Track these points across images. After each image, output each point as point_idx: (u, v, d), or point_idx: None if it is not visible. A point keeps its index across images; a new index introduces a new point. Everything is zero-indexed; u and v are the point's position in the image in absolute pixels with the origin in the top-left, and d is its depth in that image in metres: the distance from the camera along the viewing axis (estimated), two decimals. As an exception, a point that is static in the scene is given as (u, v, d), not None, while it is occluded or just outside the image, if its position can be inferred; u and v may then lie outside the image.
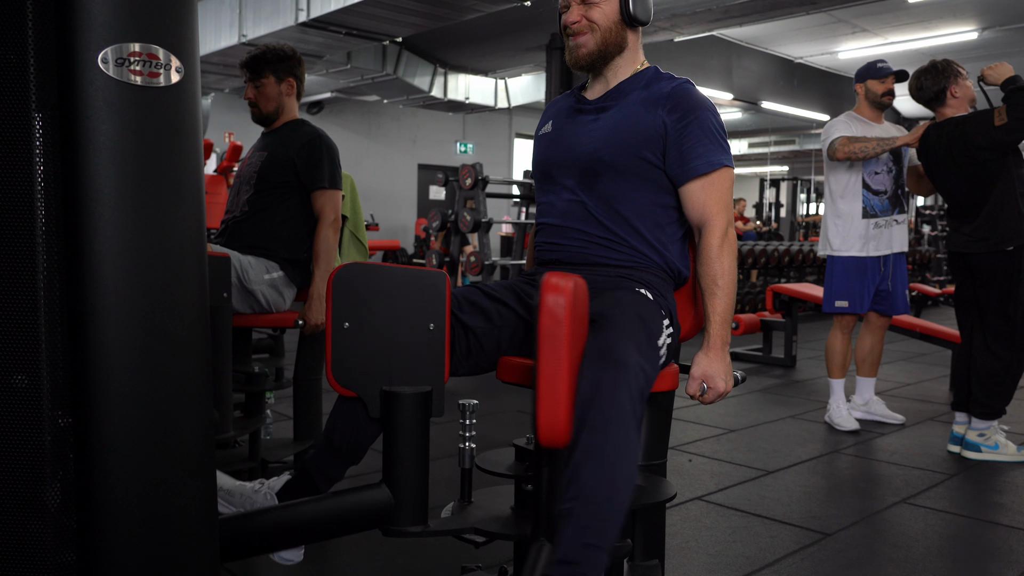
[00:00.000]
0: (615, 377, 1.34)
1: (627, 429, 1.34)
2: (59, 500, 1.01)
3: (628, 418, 1.34)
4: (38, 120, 0.98)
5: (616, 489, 1.33)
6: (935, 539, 2.35)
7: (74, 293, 1.00)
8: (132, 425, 1.03)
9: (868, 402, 3.87)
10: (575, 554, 1.30)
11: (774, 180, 13.80)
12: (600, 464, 1.32)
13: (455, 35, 9.72)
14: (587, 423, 1.32)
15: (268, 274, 2.57)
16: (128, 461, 1.03)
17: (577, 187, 1.72)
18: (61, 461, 1.01)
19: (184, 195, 1.08)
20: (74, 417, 1.01)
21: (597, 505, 1.32)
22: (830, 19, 9.84)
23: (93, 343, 1.00)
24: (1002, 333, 3.15)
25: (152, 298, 1.04)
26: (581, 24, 1.69)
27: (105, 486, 1.02)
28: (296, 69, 2.72)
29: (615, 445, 1.32)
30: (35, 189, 0.98)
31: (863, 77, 3.66)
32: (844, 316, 3.71)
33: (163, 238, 1.05)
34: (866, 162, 3.56)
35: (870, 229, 3.59)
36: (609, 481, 1.32)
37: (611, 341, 1.38)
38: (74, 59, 0.99)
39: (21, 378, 0.99)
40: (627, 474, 1.34)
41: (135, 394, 1.03)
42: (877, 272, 3.63)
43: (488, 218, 6.04)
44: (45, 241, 0.99)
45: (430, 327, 1.49)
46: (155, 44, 1.03)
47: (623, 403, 1.33)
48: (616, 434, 1.32)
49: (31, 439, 0.99)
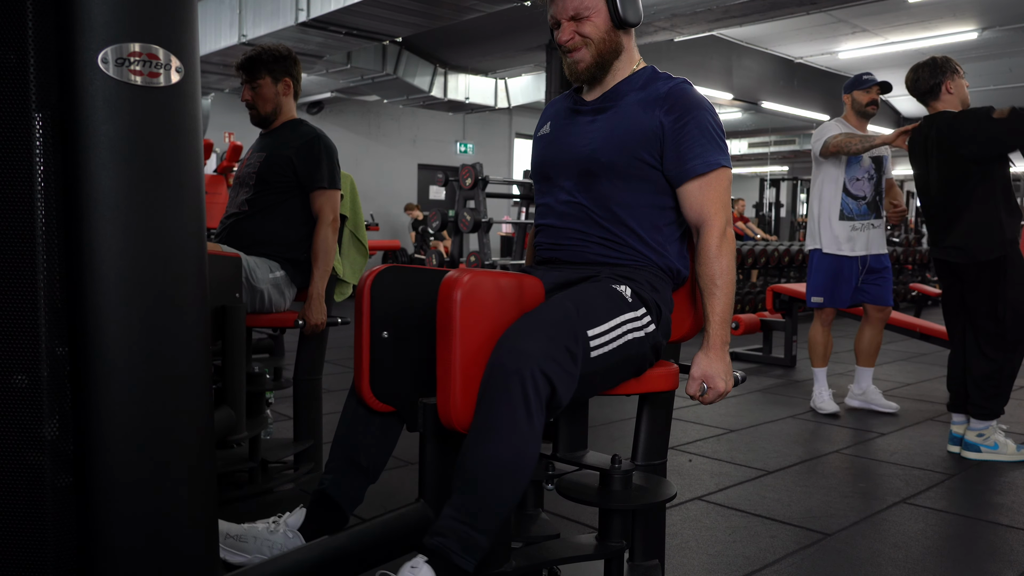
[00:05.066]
0: (507, 362, 1.33)
1: (513, 415, 1.32)
2: (58, 503, 1.00)
3: (516, 405, 1.32)
4: (38, 120, 0.98)
5: (495, 475, 1.33)
6: (935, 539, 2.35)
7: (74, 293, 1.00)
8: (133, 425, 1.03)
9: (865, 391, 4.09)
10: (447, 528, 1.32)
11: (774, 180, 13.80)
12: (481, 449, 1.33)
13: (455, 35, 9.72)
14: (478, 407, 1.34)
15: (272, 273, 2.57)
16: (129, 462, 1.03)
17: (575, 188, 1.72)
18: (61, 463, 1.01)
19: (184, 195, 1.08)
20: (74, 415, 1.01)
21: (475, 488, 1.33)
22: (830, 19, 9.84)
23: (93, 343, 1.00)
24: (993, 335, 3.14)
25: (152, 298, 1.04)
26: (575, 41, 1.69)
27: (106, 485, 1.02)
28: (292, 69, 2.71)
29: (499, 431, 1.33)
30: (35, 189, 0.98)
31: (849, 89, 3.97)
32: (823, 310, 3.99)
33: (163, 238, 1.05)
34: (848, 168, 3.85)
35: (847, 231, 3.86)
36: (487, 467, 1.33)
37: (515, 328, 1.38)
38: (74, 59, 0.99)
39: (21, 378, 0.99)
40: (509, 461, 1.34)
41: (135, 393, 1.03)
42: (855, 271, 3.88)
43: (488, 218, 6.04)
44: (45, 241, 0.99)
45: None
46: (155, 44, 1.03)
47: (512, 388, 1.32)
48: (500, 419, 1.32)
49: (32, 443, 0.99)
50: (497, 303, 1.39)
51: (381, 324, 1.40)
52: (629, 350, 1.54)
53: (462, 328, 1.31)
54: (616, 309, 1.53)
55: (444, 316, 1.33)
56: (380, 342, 1.40)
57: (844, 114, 3.97)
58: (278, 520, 1.54)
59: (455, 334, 1.32)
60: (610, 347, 1.50)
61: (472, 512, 1.33)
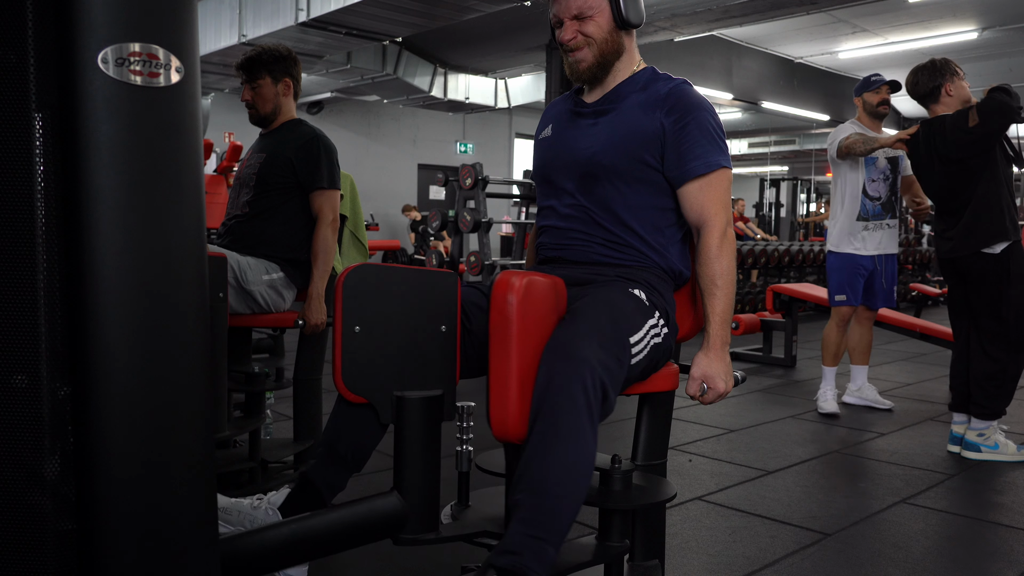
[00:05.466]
0: (567, 370, 1.33)
1: (579, 422, 1.33)
2: (55, 505, 1.00)
3: (581, 412, 1.33)
4: (38, 120, 0.98)
5: (564, 483, 1.33)
6: (935, 539, 2.35)
7: (74, 293, 1.00)
8: (133, 425, 1.03)
9: (860, 388, 4.18)
10: (519, 544, 1.30)
11: (774, 180, 13.81)
12: (549, 457, 1.32)
13: (455, 35, 9.72)
14: (540, 415, 1.33)
15: (268, 275, 2.56)
16: (130, 463, 1.03)
17: (577, 191, 1.72)
18: (62, 462, 1.01)
19: (184, 195, 1.08)
20: (74, 419, 1.01)
21: (544, 498, 1.32)
22: (830, 19, 9.84)
23: (93, 343, 1.00)
24: (996, 335, 3.15)
25: (152, 298, 1.04)
26: (577, 40, 1.68)
27: (105, 486, 1.02)
28: (292, 69, 2.71)
29: (565, 438, 1.32)
30: (35, 189, 0.98)
31: (859, 92, 4.00)
32: (841, 309, 4.02)
33: (163, 238, 1.05)
34: (867, 170, 3.89)
35: (860, 231, 3.94)
36: (557, 474, 1.32)
37: (570, 335, 1.37)
38: (74, 59, 0.99)
39: (21, 378, 0.99)
40: (577, 468, 1.34)
41: (136, 394, 1.03)
42: (867, 270, 3.96)
43: (488, 218, 6.04)
44: (45, 241, 0.99)
45: (442, 329, 1.47)
46: (155, 44, 1.03)
47: (575, 396, 1.33)
48: (567, 427, 1.32)
49: (32, 440, 0.99)
50: (546, 305, 1.39)
51: (352, 319, 1.42)
52: (655, 355, 1.58)
53: (519, 334, 1.29)
54: (644, 315, 1.56)
55: (501, 322, 1.30)
56: (352, 336, 1.42)
57: (857, 116, 4.02)
58: (263, 497, 1.58)
59: (513, 341, 1.30)
60: (643, 353, 1.54)
61: (543, 524, 1.32)
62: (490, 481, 1.67)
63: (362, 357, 1.43)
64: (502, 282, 1.33)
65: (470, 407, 1.57)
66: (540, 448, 1.33)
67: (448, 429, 1.57)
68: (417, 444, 1.36)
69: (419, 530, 1.38)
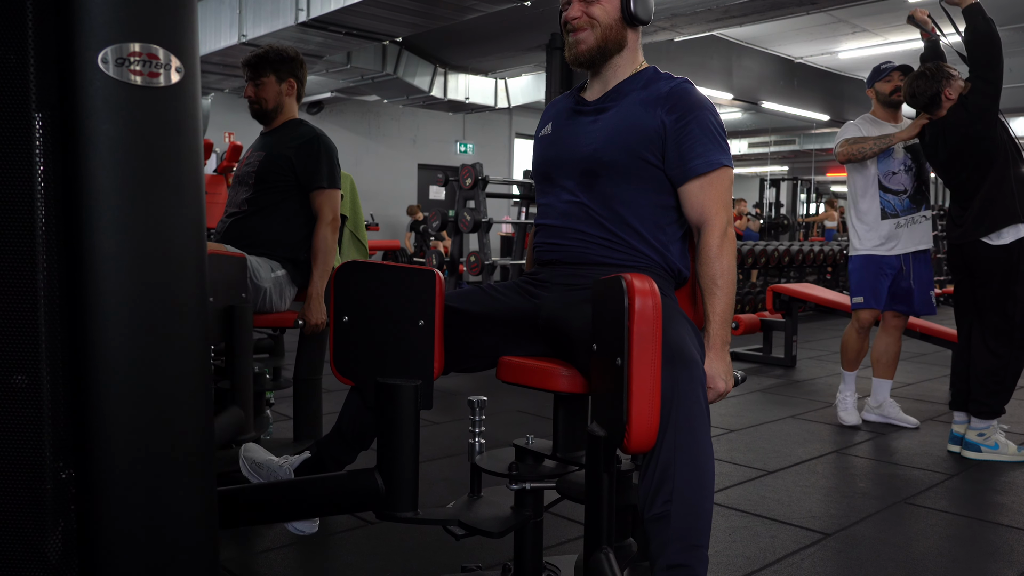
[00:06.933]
0: (690, 375, 1.36)
1: (707, 426, 1.38)
2: (56, 505, 1.00)
3: (707, 415, 1.38)
4: (38, 120, 0.98)
5: (707, 487, 1.36)
6: (935, 539, 2.35)
7: (74, 293, 1.00)
8: (132, 424, 1.03)
9: (882, 404, 3.79)
10: (684, 557, 1.31)
11: (774, 180, 13.80)
12: (690, 463, 1.33)
13: (455, 35, 9.71)
14: (671, 423, 1.33)
15: (273, 272, 2.57)
16: (128, 460, 1.03)
17: (577, 188, 1.71)
18: (61, 462, 1.01)
19: (184, 195, 1.08)
20: (73, 417, 1.01)
21: (693, 505, 1.33)
22: (830, 19, 9.84)
23: (93, 343, 1.00)
24: (1001, 331, 3.15)
25: (152, 298, 1.04)
26: (582, 20, 1.69)
27: (106, 484, 1.02)
28: (298, 71, 2.72)
29: (701, 443, 1.35)
30: (35, 189, 0.98)
31: (871, 83, 3.76)
32: (860, 313, 3.69)
33: (163, 238, 1.05)
34: (882, 163, 3.61)
35: (892, 229, 3.60)
36: (699, 479, 1.34)
37: (676, 341, 1.39)
38: (74, 59, 0.99)
39: (21, 378, 0.99)
40: (710, 470, 1.37)
41: (135, 394, 1.03)
42: (894, 270, 3.62)
43: (488, 218, 6.04)
44: (45, 241, 0.99)
45: (420, 323, 1.53)
46: (155, 44, 1.03)
47: (701, 400, 1.37)
48: (701, 431, 1.35)
49: (31, 441, 0.99)
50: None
51: (342, 310, 1.55)
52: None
53: (655, 341, 1.27)
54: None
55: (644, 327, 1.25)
56: (341, 326, 1.56)
57: (872, 110, 3.76)
58: (288, 458, 1.76)
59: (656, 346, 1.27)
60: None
61: (700, 531, 1.34)
62: (492, 481, 1.68)
63: (350, 344, 1.56)
64: (644, 290, 1.26)
65: (483, 401, 1.61)
66: (679, 457, 1.33)
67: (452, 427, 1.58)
68: (395, 428, 1.44)
69: (399, 508, 1.46)
